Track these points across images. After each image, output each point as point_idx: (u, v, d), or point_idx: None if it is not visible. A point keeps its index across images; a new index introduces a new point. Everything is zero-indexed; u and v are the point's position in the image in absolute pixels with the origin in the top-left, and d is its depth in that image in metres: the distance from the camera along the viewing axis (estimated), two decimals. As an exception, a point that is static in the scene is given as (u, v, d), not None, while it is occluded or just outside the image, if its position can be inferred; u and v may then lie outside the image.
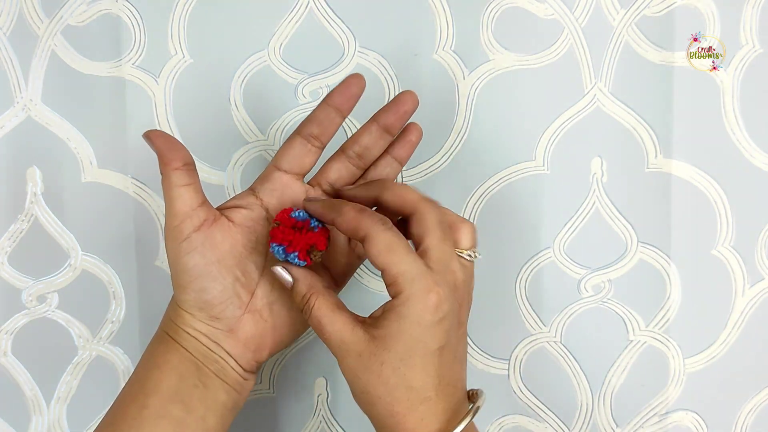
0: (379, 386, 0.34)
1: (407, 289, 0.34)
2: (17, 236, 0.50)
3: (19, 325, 0.51)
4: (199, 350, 0.38)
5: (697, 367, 0.51)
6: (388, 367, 0.34)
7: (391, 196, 0.37)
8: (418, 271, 0.34)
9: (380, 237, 0.34)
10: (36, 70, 0.50)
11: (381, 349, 0.34)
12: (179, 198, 0.38)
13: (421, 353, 0.34)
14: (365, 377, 0.34)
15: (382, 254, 0.34)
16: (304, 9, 0.50)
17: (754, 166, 0.50)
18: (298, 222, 0.37)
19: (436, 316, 0.34)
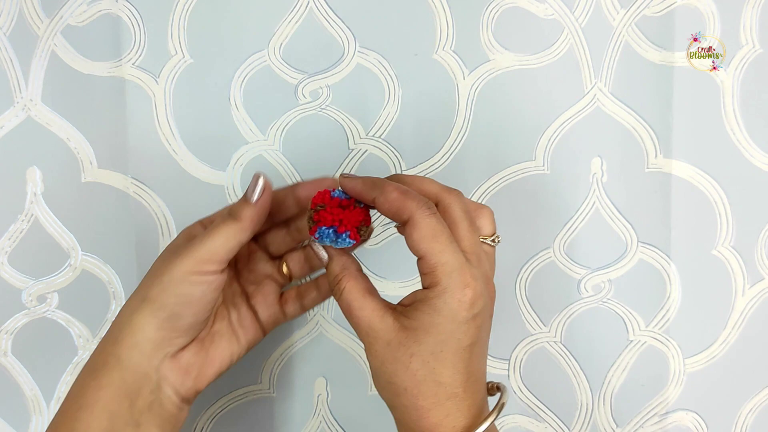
0: (407, 378, 0.33)
1: (444, 282, 0.32)
2: (17, 236, 0.50)
3: (19, 325, 0.51)
4: (137, 377, 0.36)
5: (697, 367, 0.51)
6: (417, 359, 0.33)
7: (411, 185, 0.36)
8: (458, 264, 0.33)
9: (425, 222, 0.33)
10: (36, 70, 0.50)
11: (411, 341, 0.33)
12: (232, 239, 0.36)
13: (453, 349, 0.33)
14: (392, 367, 0.33)
15: (425, 240, 0.33)
16: (304, 9, 0.50)
17: (754, 166, 0.50)
18: (343, 201, 0.36)
19: (470, 312, 0.33)
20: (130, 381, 0.36)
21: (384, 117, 0.50)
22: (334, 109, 0.50)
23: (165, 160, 0.50)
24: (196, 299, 0.36)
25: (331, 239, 0.36)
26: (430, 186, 0.36)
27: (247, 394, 0.51)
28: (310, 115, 0.50)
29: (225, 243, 0.36)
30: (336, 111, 0.50)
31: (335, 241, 0.36)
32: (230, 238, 0.36)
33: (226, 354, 0.40)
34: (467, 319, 0.33)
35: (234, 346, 0.40)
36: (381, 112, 0.50)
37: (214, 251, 0.36)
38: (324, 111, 0.50)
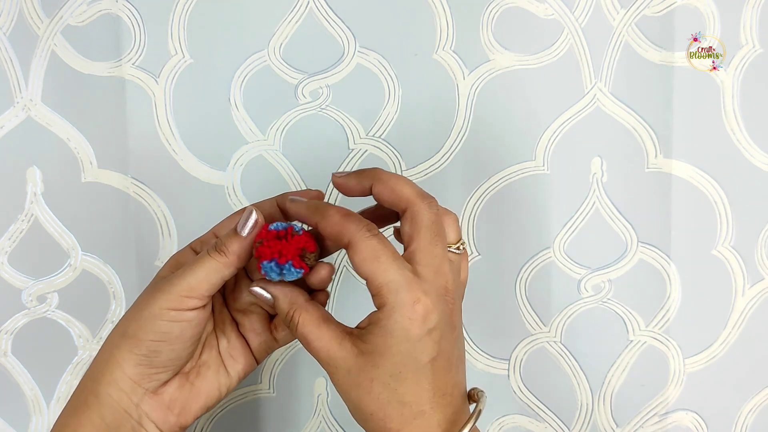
0: (371, 403, 0.33)
1: (391, 301, 0.32)
2: (17, 236, 0.50)
3: (19, 325, 0.51)
4: (116, 415, 0.35)
5: (697, 367, 0.51)
6: (378, 383, 0.32)
7: (384, 189, 0.35)
8: (404, 280, 0.32)
9: (364, 244, 0.32)
10: (36, 70, 0.50)
11: (370, 366, 0.32)
12: (214, 275, 0.35)
13: (412, 368, 0.32)
14: (356, 393, 0.33)
15: (365, 263, 0.32)
16: (304, 9, 0.50)
17: (754, 166, 0.50)
18: (279, 232, 0.35)
19: (423, 328, 0.32)
20: (110, 419, 0.35)
21: (384, 117, 0.50)
22: (334, 109, 0.50)
23: (165, 160, 0.50)
24: (174, 336, 0.35)
25: (276, 273, 0.34)
26: (403, 189, 0.35)
27: (247, 394, 0.51)
28: (310, 115, 0.50)
29: (207, 278, 0.35)
30: (336, 111, 0.50)
31: (282, 274, 0.34)
32: (213, 273, 0.35)
33: (214, 387, 0.38)
34: (421, 335, 0.32)
35: (223, 378, 0.38)
36: (381, 112, 0.50)
37: (195, 286, 0.35)
38: (324, 111, 0.50)
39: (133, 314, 0.35)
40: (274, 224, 0.35)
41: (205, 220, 0.50)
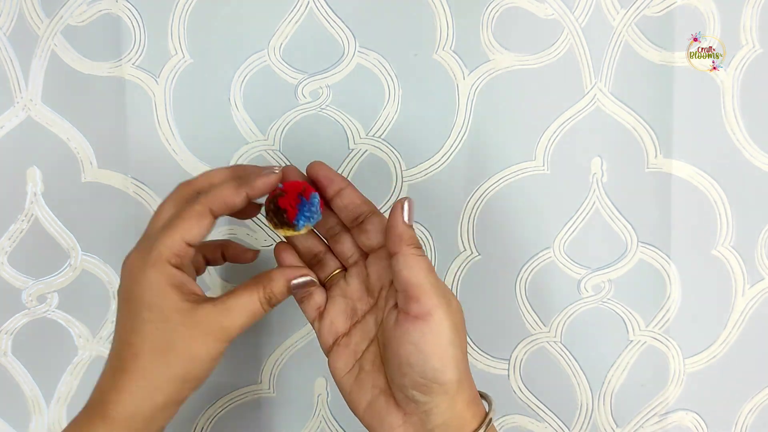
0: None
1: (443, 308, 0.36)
2: (17, 236, 0.50)
3: (19, 325, 0.51)
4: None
5: (697, 367, 0.51)
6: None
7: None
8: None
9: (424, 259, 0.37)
10: (36, 70, 0.50)
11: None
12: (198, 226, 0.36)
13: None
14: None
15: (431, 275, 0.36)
16: (304, 9, 0.50)
17: (754, 166, 0.50)
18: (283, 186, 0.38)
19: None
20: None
21: (384, 117, 0.50)
22: (334, 109, 0.50)
23: (165, 160, 0.50)
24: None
25: (310, 210, 0.37)
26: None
27: (247, 394, 0.51)
28: (310, 115, 0.50)
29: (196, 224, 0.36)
30: (336, 111, 0.50)
31: (312, 212, 0.37)
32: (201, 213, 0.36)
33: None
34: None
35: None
36: (381, 112, 0.50)
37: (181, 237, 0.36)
38: (324, 111, 0.50)
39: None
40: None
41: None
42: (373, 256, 0.39)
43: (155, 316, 0.34)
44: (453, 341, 0.35)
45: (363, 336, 0.39)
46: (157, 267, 0.35)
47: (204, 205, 0.36)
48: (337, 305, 0.40)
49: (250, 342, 0.51)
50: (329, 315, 0.40)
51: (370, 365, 0.38)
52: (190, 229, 0.35)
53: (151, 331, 0.34)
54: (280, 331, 0.51)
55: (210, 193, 0.36)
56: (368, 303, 0.39)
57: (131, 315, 0.35)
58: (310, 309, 0.40)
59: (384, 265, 0.39)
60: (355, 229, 0.39)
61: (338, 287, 0.40)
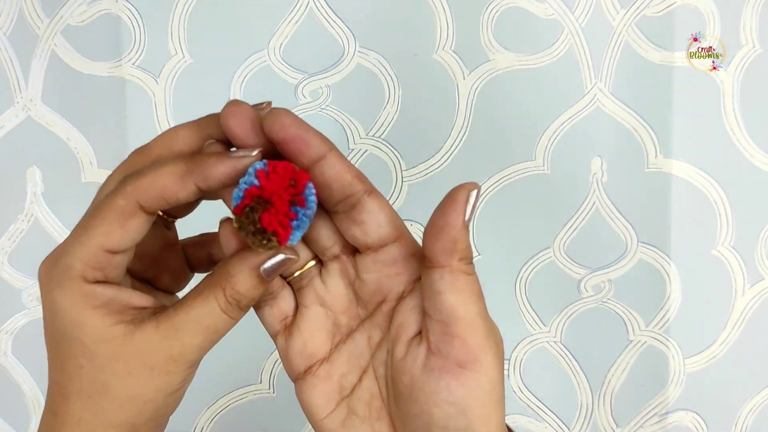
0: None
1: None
2: (17, 236, 0.50)
3: (19, 325, 0.51)
4: None
5: (697, 367, 0.51)
6: None
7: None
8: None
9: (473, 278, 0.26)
10: (36, 70, 0.50)
11: None
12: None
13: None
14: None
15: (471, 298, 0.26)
16: (304, 9, 0.50)
17: (754, 166, 0.50)
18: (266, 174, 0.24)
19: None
20: None
21: (384, 117, 0.50)
22: (334, 109, 0.50)
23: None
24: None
25: (306, 215, 0.24)
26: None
27: (247, 394, 0.51)
28: (310, 115, 0.50)
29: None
30: (336, 111, 0.50)
31: (308, 216, 0.24)
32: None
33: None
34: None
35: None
36: (381, 112, 0.50)
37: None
38: (324, 111, 0.50)
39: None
40: (247, 177, 0.24)
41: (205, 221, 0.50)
42: (370, 257, 0.27)
43: (76, 350, 0.25)
44: (501, 398, 0.26)
45: (351, 364, 0.27)
46: (66, 287, 0.25)
47: (130, 198, 0.24)
48: (313, 317, 0.27)
49: (250, 342, 0.51)
50: (301, 330, 0.27)
51: (366, 409, 0.27)
52: (109, 233, 0.25)
53: (75, 371, 0.25)
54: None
55: (140, 180, 0.25)
56: (357, 317, 0.28)
57: (52, 345, 0.26)
58: (273, 318, 0.28)
59: (391, 272, 0.27)
60: (342, 215, 0.26)
61: (312, 291, 0.28)
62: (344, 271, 0.27)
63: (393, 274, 0.27)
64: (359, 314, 0.28)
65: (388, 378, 0.27)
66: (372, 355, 0.27)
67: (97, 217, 0.25)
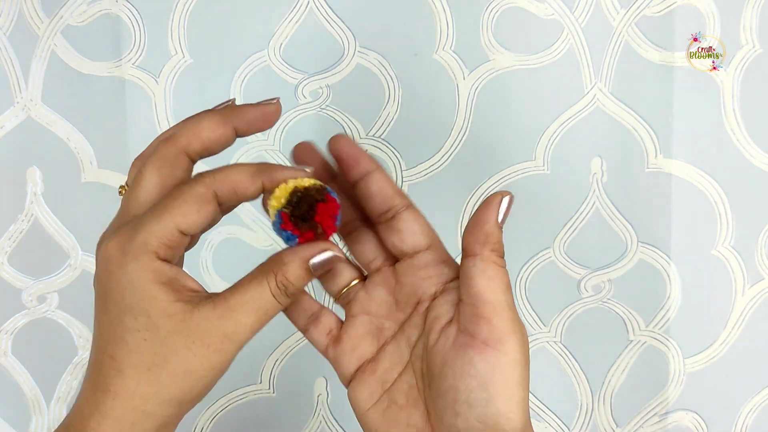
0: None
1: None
2: (17, 236, 0.50)
3: (19, 325, 0.51)
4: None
5: (697, 367, 0.51)
6: None
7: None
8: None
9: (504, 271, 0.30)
10: (36, 70, 0.50)
11: None
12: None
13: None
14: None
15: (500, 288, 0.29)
16: (304, 9, 0.50)
17: (754, 166, 0.50)
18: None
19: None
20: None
21: (384, 117, 0.50)
22: (334, 109, 0.50)
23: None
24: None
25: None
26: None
27: (247, 394, 0.51)
28: (310, 115, 0.50)
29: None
30: (336, 111, 0.50)
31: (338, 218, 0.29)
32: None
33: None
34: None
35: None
36: (381, 112, 0.50)
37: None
38: (324, 111, 0.50)
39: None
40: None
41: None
42: (407, 263, 0.31)
43: (141, 323, 0.27)
44: (523, 380, 0.29)
45: (394, 361, 0.31)
46: (140, 261, 0.27)
47: (209, 187, 0.28)
48: (360, 324, 0.32)
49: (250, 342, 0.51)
50: (351, 337, 0.32)
51: (404, 398, 0.30)
52: (187, 215, 0.27)
53: (137, 343, 0.28)
54: (280, 331, 0.51)
55: (219, 175, 0.29)
56: (398, 320, 0.32)
57: (111, 320, 0.29)
58: (319, 335, 0.32)
59: (424, 275, 0.31)
60: (383, 225, 0.31)
61: (358, 302, 0.32)
62: (385, 280, 0.32)
63: (426, 277, 0.31)
64: (399, 318, 0.32)
65: (423, 369, 0.30)
66: (411, 352, 0.31)
67: (178, 199, 0.28)
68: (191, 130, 0.30)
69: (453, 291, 0.31)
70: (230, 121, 0.30)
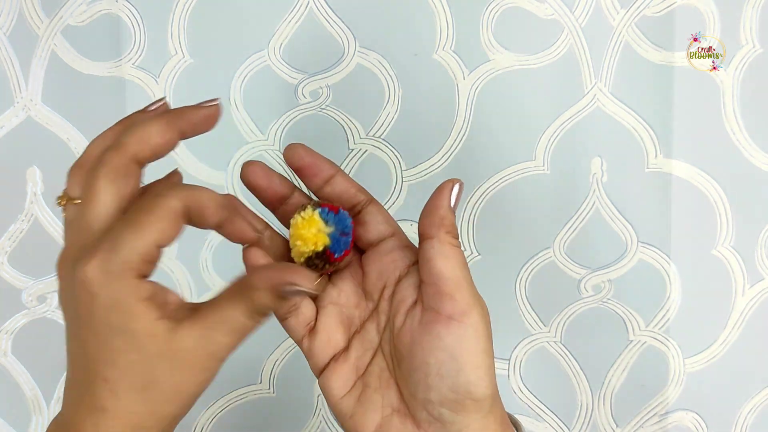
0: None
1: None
2: (17, 236, 0.50)
3: (19, 325, 0.51)
4: None
5: (697, 367, 0.51)
6: None
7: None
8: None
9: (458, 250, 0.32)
10: (36, 70, 0.50)
11: None
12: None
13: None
14: None
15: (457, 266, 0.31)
16: (304, 9, 0.50)
17: (754, 166, 0.50)
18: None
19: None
20: None
21: (384, 117, 0.50)
22: (334, 109, 0.50)
23: (165, 160, 0.50)
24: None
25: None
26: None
27: (247, 394, 0.51)
28: (310, 115, 0.50)
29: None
30: (336, 111, 0.50)
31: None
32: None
33: None
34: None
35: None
36: (381, 112, 0.50)
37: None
38: (324, 111, 0.50)
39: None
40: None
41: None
42: (372, 251, 0.33)
43: (128, 344, 0.27)
44: (488, 349, 0.31)
45: (365, 348, 0.33)
46: (124, 280, 0.27)
47: (182, 202, 0.28)
48: (332, 316, 0.33)
49: (250, 342, 0.51)
50: (324, 329, 0.33)
51: (377, 381, 0.32)
52: (165, 230, 0.28)
53: (128, 365, 0.27)
54: (280, 331, 0.51)
55: (188, 193, 0.29)
56: (366, 309, 0.34)
57: (100, 342, 0.28)
58: (298, 326, 0.33)
59: (388, 260, 0.33)
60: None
61: (327, 295, 0.34)
62: (353, 273, 0.34)
63: (390, 262, 0.33)
64: (368, 306, 0.33)
65: (392, 351, 0.32)
66: (380, 338, 0.33)
67: (154, 214, 0.28)
68: (139, 137, 0.30)
69: (415, 273, 0.32)
70: (176, 126, 0.30)
